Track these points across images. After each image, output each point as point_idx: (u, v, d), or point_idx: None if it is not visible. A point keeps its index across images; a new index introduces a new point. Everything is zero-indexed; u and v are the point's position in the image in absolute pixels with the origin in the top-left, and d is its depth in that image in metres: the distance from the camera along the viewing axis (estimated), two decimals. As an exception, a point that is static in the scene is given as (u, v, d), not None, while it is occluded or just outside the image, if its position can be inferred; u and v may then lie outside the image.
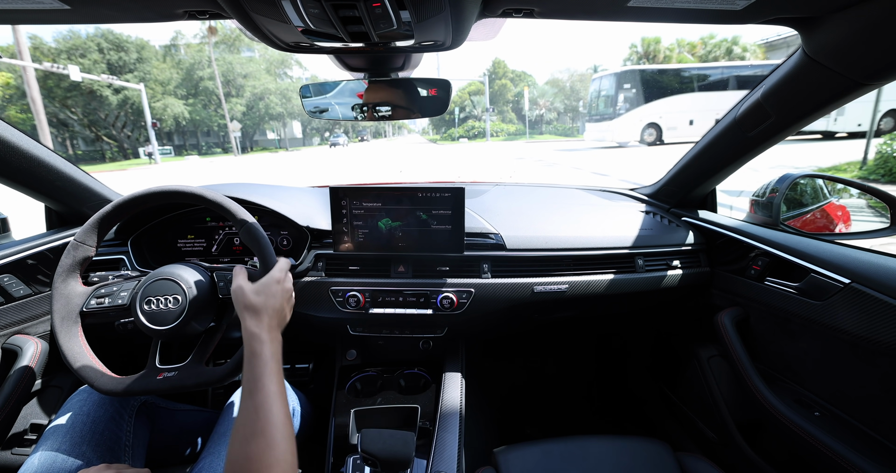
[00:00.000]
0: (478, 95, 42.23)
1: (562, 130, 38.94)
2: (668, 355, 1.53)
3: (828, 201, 1.42)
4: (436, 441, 0.98)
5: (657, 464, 0.94)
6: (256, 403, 0.61)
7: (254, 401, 0.61)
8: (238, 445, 0.58)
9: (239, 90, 32.23)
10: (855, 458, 0.81)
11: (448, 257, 1.14)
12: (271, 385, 0.63)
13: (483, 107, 39.16)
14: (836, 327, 0.89)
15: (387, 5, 0.58)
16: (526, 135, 34.23)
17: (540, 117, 41.51)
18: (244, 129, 34.23)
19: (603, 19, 0.75)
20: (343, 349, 1.31)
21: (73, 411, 0.81)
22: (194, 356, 0.84)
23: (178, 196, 0.86)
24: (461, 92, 46.62)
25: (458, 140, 34.76)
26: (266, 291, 0.75)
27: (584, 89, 34.44)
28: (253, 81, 32.37)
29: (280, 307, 0.76)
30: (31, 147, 1.01)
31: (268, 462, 0.55)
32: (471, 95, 42.55)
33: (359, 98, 0.96)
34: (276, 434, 0.58)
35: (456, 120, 39.68)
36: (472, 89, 44.60)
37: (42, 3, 0.61)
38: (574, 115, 39.72)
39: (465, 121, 40.27)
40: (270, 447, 0.57)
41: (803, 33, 0.75)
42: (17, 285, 1.05)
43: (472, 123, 38.90)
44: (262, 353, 0.67)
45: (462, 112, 40.37)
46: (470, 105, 40.98)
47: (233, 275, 0.79)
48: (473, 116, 40.75)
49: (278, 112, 33.59)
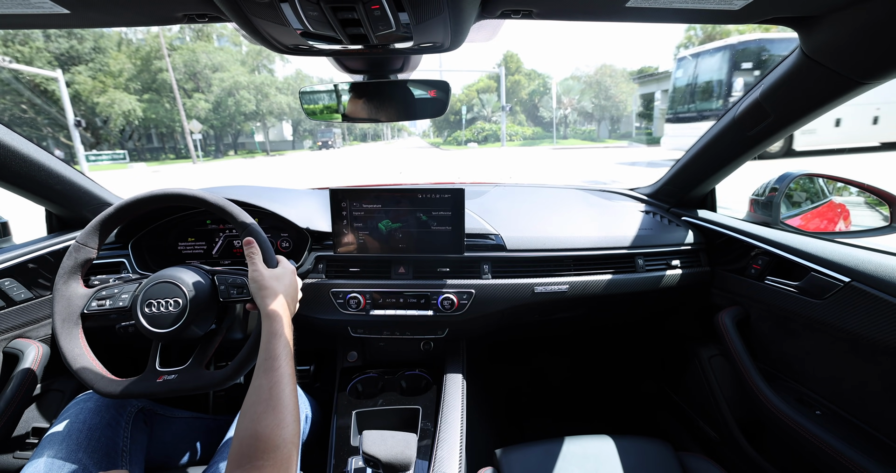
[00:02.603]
0: (487, 92, 37.43)
1: (583, 134, 33.39)
2: (668, 354, 1.53)
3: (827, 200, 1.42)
4: (437, 442, 0.98)
5: (659, 464, 0.94)
6: (271, 381, 0.62)
7: (268, 379, 0.63)
8: (248, 421, 0.59)
9: (208, 84, 26.77)
10: (856, 456, 0.81)
11: (448, 259, 1.14)
12: (286, 367, 0.65)
13: (495, 106, 34.82)
14: (836, 325, 0.89)
15: (385, 7, 0.58)
16: (552, 139, 29.19)
17: (564, 118, 34.47)
18: (215, 130, 29.23)
19: (601, 20, 0.75)
20: (344, 351, 1.31)
21: (70, 418, 0.82)
22: (194, 359, 0.84)
23: (181, 199, 0.87)
24: (467, 89, 41.36)
25: (467, 145, 30.17)
26: (283, 277, 0.81)
27: (616, 87, 30.63)
28: (222, 74, 26.83)
29: (294, 295, 0.82)
30: (30, 151, 1.01)
31: (275, 441, 0.56)
32: (479, 92, 37.81)
33: (358, 100, 0.96)
34: (287, 415, 0.60)
35: (462, 121, 35.11)
36: (480, 86, 39.84)
37: (41, 7, 0.61)
38: (601, 116, 32.80)
39: (472, 122, 35.87)
40: (279, 426, 0.58)
41: (801, 33, 0.75)
42: (17, 289, 1.05)
43: (482, 124, 34.34)
44: (282, 333, 0.69)
45: (469, 112, 35.88)
46: (478, 104, 36.34)
47: (248, 259, 0.81)
48: (482, 116, 36.01)
49: (251, 110, 27.95)
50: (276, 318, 0.71)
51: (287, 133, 41.48)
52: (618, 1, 0.65)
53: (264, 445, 0.55)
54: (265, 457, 0.54)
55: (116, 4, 0.63)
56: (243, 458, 0.54)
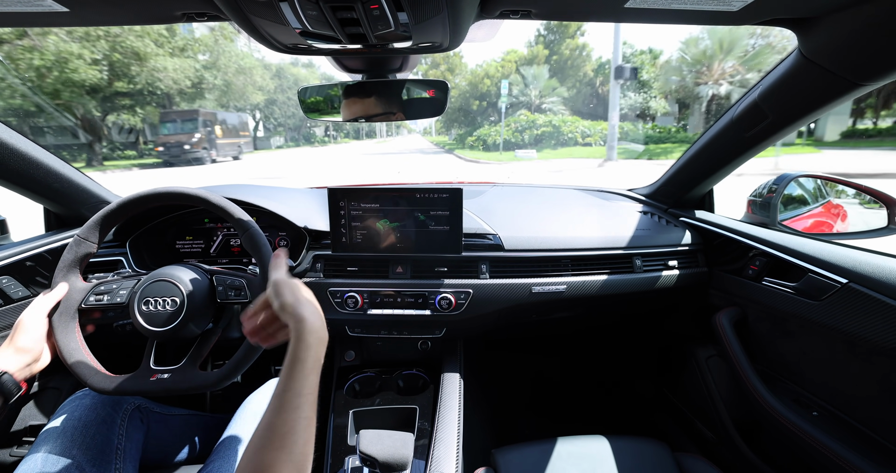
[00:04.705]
0: (533, 65, 23.17)
1: (673, 136, 18.06)
2: (666, 355, 1.54)
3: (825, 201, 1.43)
4: (434, 441, 0.98)
5: (656, 464, 0.95)
6: (287, 426, 0.51)
7: (283, 423, 0.51)
8: (253, 453, 0.50)
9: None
10: (852, 457, 0.82)
11: (446, 258, 1.14)
12: (308, 408, 0.53)
13: (546, 86, 21.37)
14: (833, 326, 0.89)
15: (385, 7, 0.58)
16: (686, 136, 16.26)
17: (713, 100, 16.58)
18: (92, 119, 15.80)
19: (600, 20, 0.76)
20: (341, 350, 1.31)
21: (66, 415, 0.82)
22: (189, 358, 0.84)
23: (180, 197, 0.87)
24: (498, 65, 25.56)
25: (516, 154, 15.92)
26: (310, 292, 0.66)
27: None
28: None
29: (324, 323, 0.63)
30: (28, 149, 1.01)
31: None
32: (519, 66, 23.89)
33: (356, 99, 0.96)
34: (303, 461, 0.51)
35: (502, 111, 18.36)
36: (519, 58, 25.38)
37: (40, 5, 0.61)
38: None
39: (512, 111, 21.14)
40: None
41: (799, 34, 0.76)
42: (15, 287, 1.05)
43: (527, 115, 19.69)
44: (312, 363, 0.56)
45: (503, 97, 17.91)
46: (519, 83, 22.29)
47: (273, 268, 0.69)
48: (524, 102, 21.95)
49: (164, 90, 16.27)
50: (313, 345, 0.56)
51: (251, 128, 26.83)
52: (617, 2, 0.65)
53: None
54: None
55: (115, 3, 0.63)
56: None
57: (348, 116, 0.97)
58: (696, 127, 19.46)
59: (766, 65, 15.50)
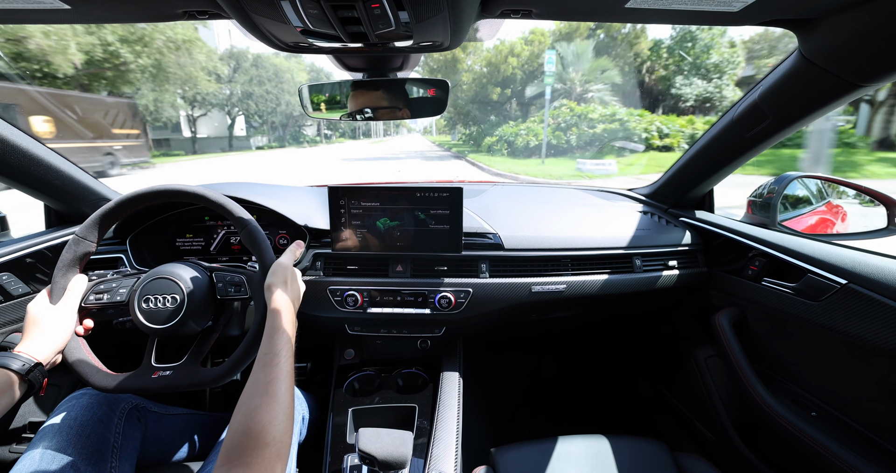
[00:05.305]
0: (570, 40, 17.12)
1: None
2: (665, 355, 1.54)
3: (825, 202, 1.43)
4: (433, 440, 0.98)
5: (654, 464, 0.95)
6: (269, 377, 0.62)
7: (266, 375, 0.62)
8: (242, 416, 0.58)
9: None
10: (851, 458, 0.82)
11: (446, 257, 1.15)
12: (285, 363, 0.65)
13: (591, 67, 15.64)
14: (832, 327, 0.89)
15: (385, 6, 0.58)
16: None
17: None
18: None
19: (601, 20, 0.76)
20: (341, 349, 1.31)
21: (62, 414, 0.82)
22: (190, 355, 0.84)
23: (180, 195, 0.87)
24: (524, 45, 18.80)
25: (579, 168, 10.17)
26: (292, 275, 0.82)
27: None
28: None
29: (299, 293, 0.83)
30: (29, 145, 1.01)
31: (265, 439, 0.55)
32: (554, 42, 17.80)
33: (357, 98, 0.96)
34: (280, 413, 0.59)
35: (547, 97, 12.65)
36: (553, 30, 18.65)
37: (42, 3, 0.61)
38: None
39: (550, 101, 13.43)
40: (272, 423, 0.57)
41: (800, 35, 0.76)
42: (15, 284, 1.05)
43: (574, 107, 14.45)
44: (284, 329, 0.69)
45: (531, 85, 15.18)
46: (556, 65, 15.78)
47: (288, 250, 0.87)
48: (563, 91, 16.26)
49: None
50: (281, 313, 0.71)
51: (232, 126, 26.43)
52: (617, 2, 0.65)
53: (254, 442, 0.55)
54: (254, 455, 0.53)
55: (117, 1, 0.64)
56: (233, 453, 0.54)
57: (348, 116, 0.97)
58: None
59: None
